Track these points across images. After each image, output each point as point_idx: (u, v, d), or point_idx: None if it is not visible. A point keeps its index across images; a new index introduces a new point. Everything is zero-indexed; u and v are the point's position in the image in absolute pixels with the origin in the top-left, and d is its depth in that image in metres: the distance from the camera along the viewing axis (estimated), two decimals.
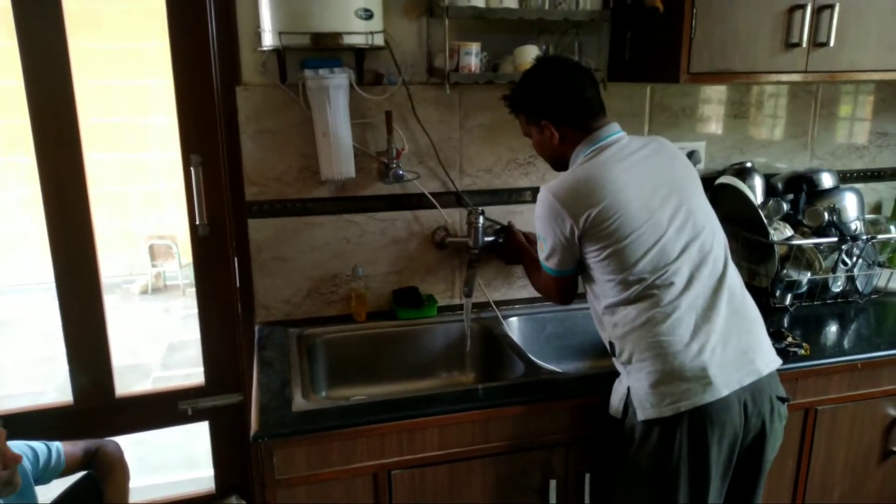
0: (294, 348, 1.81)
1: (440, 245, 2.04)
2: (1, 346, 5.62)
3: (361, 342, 1.96)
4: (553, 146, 1.53)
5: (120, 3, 6.57)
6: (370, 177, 1.95)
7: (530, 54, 1.81)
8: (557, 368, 1.74)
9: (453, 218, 2.04)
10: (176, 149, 1.94)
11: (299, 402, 1.52)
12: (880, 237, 2.10)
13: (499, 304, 2.08)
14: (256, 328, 1.95)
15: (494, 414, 1.53)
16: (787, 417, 1.49)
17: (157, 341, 5.58)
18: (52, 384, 4.53)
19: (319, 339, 1.91)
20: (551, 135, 1.51)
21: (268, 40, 1.69)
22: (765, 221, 1.97)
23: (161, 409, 2.13)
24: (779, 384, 1.47)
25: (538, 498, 1.62)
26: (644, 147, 1.50)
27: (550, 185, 1.47)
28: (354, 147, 1.84)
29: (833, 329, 1.98)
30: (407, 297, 2.01)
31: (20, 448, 1.67)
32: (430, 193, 1.99)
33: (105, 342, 2.05)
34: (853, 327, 2.00)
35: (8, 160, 6.63)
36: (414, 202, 2.00)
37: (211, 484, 2.29)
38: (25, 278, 6.50)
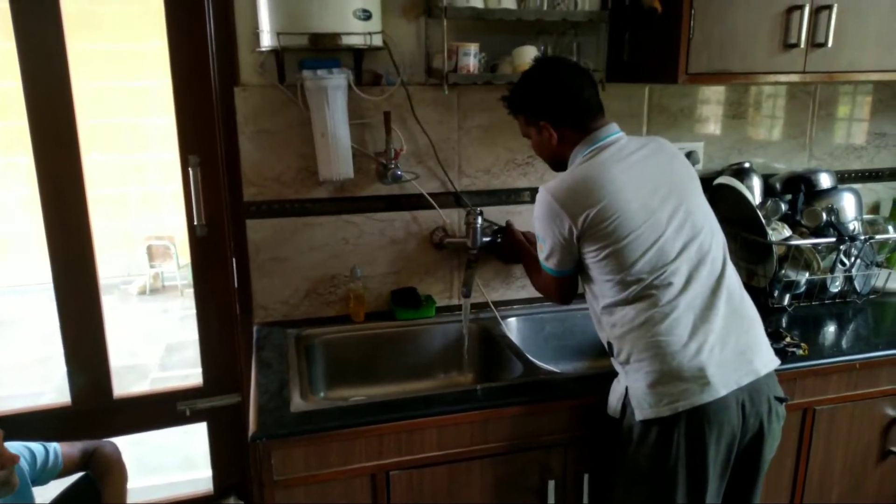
0: (292, 349, 1.81)
1: (438, 245, 2.04)
2: None
3: (360, 343, 1.96)
4: (552, 147, 1.53)
5: (118, 5, 6.58)
6: (369, 177, 1.95)
7: (529, 55, 1.81)
8: (556, 369, 1.74)
9: (452, 218, 2.04)
10: (174, 149, 1.94)
11: (297, 403, 1.52)
12: (878, 237, 2.10)
13: (497, 305, 2.08)
14: (255, 329, 1.95)
15: (493, 414, 1.53)
16: (786, 417, 1.49)
17: (155, 342, 5.58)
18: (50, 385, 4.53)
19: (318, 340, 1.91)
20: (550, 135, 1.51)
21: (266, 41, 1.69)
22: (763, 222, 1.97)
23: (159, 410, 2.13)
24: (777, 384, 1.47)
25: (537, 498, 1.61)
26: (643, 147, 1.49)
27: (549, 186, 1.47)
28: (353, 147, 1.84)
29: (831, 329, 1.98)
30: (405, 298, 2.01)
31: (18, 449, 1.67)
32: (429, 194, 1.99)
33: (103, 343, 2.05)
34: (851, 327, 2.00)
35: (7, 160, 6.63)
36: (412, 203, 2.00)
37: (209, 485, 2.29)
38: (23, 279, 6.50)
